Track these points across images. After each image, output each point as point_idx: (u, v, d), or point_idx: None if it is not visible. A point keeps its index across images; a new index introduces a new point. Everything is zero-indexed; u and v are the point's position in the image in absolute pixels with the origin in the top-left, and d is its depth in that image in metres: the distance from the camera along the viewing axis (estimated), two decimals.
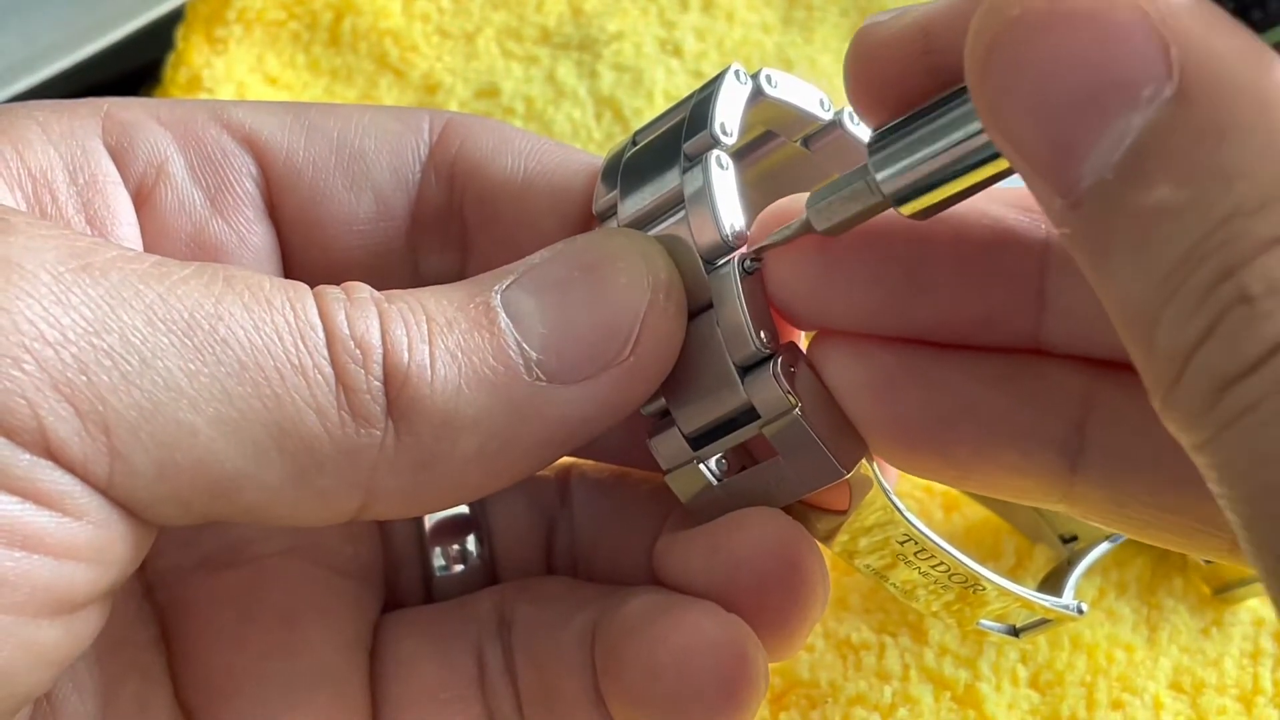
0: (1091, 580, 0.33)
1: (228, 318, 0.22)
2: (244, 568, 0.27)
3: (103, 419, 0.21)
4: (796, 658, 0.32)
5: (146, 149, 0.26)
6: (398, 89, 0.45)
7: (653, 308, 0.24)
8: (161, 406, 0.21)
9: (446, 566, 0.29)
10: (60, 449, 0.20)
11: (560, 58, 0.46)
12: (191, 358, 0.21)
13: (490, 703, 0.26)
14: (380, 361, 0.22)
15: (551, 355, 0.23)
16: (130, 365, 0.21)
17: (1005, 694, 0.31)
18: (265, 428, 0.22)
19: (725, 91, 0.25)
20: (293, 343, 0.22)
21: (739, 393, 0.24)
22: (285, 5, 0.46)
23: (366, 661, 0.27)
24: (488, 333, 0.23)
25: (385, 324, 0.23)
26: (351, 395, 0.22)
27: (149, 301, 0.21)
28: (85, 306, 0.21)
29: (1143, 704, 0.31)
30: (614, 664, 0.25)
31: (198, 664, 0.26)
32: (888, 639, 0.32)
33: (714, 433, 0.25)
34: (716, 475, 0.25)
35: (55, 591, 0.21)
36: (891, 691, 0.31)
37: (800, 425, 0.24)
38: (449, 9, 0.47)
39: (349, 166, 0.27)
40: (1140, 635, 0.33)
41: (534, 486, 0.30)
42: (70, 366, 0.20)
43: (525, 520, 0.29)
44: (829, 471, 0.24)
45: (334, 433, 0.22)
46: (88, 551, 0.21)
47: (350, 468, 0.22)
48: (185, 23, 0.44)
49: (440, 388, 0.22)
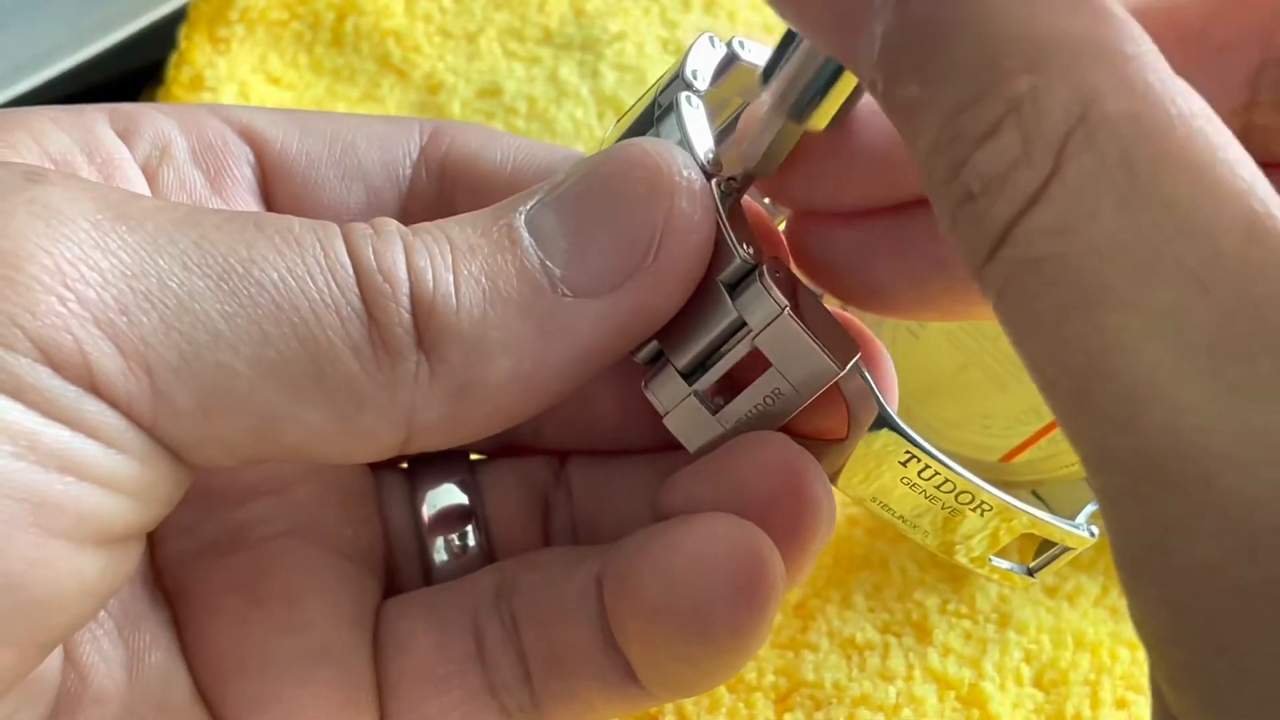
0: (1094, 579, 0.33)
1: (261, 261, 0.22)
2: (246, 551, 0.27)
3: (144, 359, 0.21)
4: (801, 658, 0.32)
5: (152, 133, 0.26)
6: (400, 89, 0.45)
7: (674, 211, 0.23)
8: (201, 348, 0.21)
9: (447, 560, 0.29)
10: (105, 385, 0.21)
11: (562, 58, 0.46)
12: (228, 301, 0.22)
13: (491, 675, 0.26)
14: (408, 294, 0.23)
15: (575, 269, 0.23)
16: (168, 308, 0.21)
17: (1009, 693, 0.31)
18: (304, 368, 0.22)
19: (697, 49, 0.26)
20: (325, 283, 0.22)
21: (729, 309, 0.24)
22: (288, 5, 0.46)
23: (369, 640, 0.27)
24: (511, 254, 0.23)
25: (410, 256, 0.23)
26: (383, 330, 0.22)
27: (184, 248, 0.22)
28: (123, 252, 0.21)
29: (1147, 702, 0.31)
30: (627, 586, 0.25)
31: (206, 646, 0.26)
32: (892, 639, 0.32)
33: (707, 361, 0.25)
34: (713, 408, 0.25)
35: (101, 521, 0.21)
36: (896, 692, 0.31)
37: (791, 325, 0.24)
38: (451, 9, 0.47)
39: (341, 159, 0.27)
40: None
41: (527, 468, 0.30)
42: (111, 308, 0.21)
43: (519, 502, 0.29)
44: (823, 370, 0.24)
45: (369, 369, 0.22)
46: (132, 486, 0.21)
47: (389, 403, 0.23)
48: (188, 22, 0.44)
49: (467, 314, 0.23)
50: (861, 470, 0.25)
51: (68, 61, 0.38)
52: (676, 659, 0.24)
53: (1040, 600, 0.33)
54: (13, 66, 0.38)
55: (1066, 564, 0.33)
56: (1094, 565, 0.34)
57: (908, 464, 0.25)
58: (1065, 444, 0.30)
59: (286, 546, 0.27)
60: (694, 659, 0.24)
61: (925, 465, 0.25)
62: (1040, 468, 0.32)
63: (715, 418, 0.25)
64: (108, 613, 0.26)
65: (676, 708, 0.31)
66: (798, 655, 0.32)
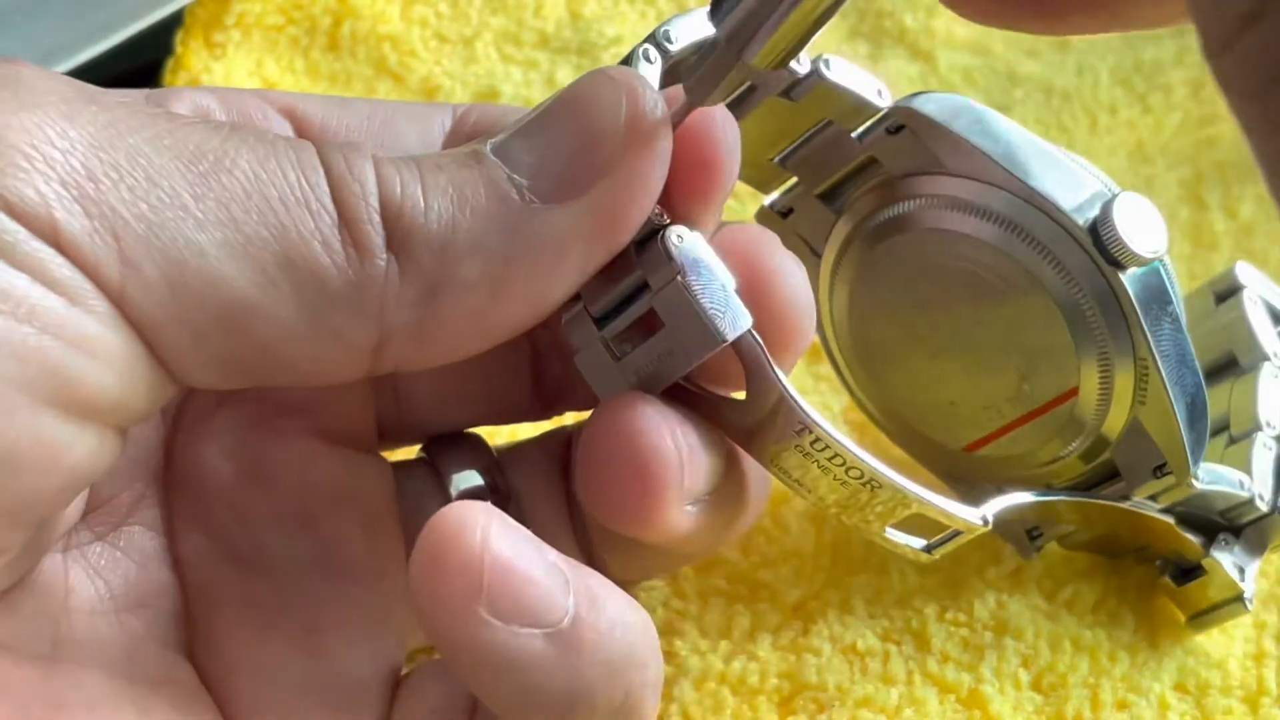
0: (1093, 584, 0.33)
1: (233, 152, 0.22)
2: (270, 578, 0.27)
3: (111, 225, 0.21)
4: (803, 661, 0.32)
5: (191, 102, 0.26)
6: (396, 93, 0.45)
7: (636, 114, 0.24)
8: (168, 222, 0.21)
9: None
10: (71, 244, 0.21)
11: (559, 62, 0.46)
12: (197, 182, 0.22)
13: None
14: (376, 196, 0.23)
15: (540, 178, 0.24)
16: (136, 180, 0.21)
17: (1009, 696, 0.31)
18: (273, 256, 0.22)
19: (689, 16, 0.26)
20: (296, 179, 0.23)
21: (634, 268, 0.25)
22: (284, 10, 0.46)
23: (386, 676, 0.27)
24: (477, 170, 0.24)
25: (380, 168, 0.23)
26: (353, 228, 0.23)
27: (156, 131, 0.22)
28: (93, 125, 0.21)
29: (1148, 704, 0.31)
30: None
31: (219, 646, 0.26)
32: (892, 646, 0.32)
33: (616, 310, 0.26)
34: (617, 355, 0.26)
35: (66, 380, 0.21)
36: (897, 694, 0.31)
37: (680, 291, 0.24)
38: (447, 14, 0.47)
39: (380, 132, 0.28)
40: (1143, 638, 0.33)
41: (548, 441, 0.31)
42: (78, 171, 0.21)
43: (545, 474, 0.30)
44: (707, 339, 0.25)
45: (339, 264, 0.23)
46: (102, 350, 0.21)
47: (359, 301, 0.23)
48: (184, 27, 0.44)
49: (435, 217, 0.23)
50: (765, 435, 0.26)
51: (68, 64, 0.38)
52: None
53: (1038, 606, 0.33)
54: None
55: (1064, 570, 0.34)
56: (1092, 572, 0.34)
57: (801, 434, 0.25)
58: (1030, 445, 0.31)
59: (310, 581, 0.27)
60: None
61: (817, 438, 0.25)
62: (1005, 467, 0.32)
63: (618, 365, 0.26)
64: (109, 589, 0.26)
65: (681, 709, 0.31)
66: (800, 658, 0.32)
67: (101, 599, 0.25)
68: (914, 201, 0.29)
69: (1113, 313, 0.28)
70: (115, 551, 0.26)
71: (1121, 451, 0.30)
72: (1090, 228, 0.27)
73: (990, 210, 0.28)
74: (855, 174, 0.30)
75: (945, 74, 0.46)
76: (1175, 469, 0.29)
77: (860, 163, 0.30)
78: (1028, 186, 0.28)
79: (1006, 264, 0.28)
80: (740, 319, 0.25)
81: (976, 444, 0.32)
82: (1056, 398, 0.30)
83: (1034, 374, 0.30)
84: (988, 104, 0.29)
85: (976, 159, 0.28)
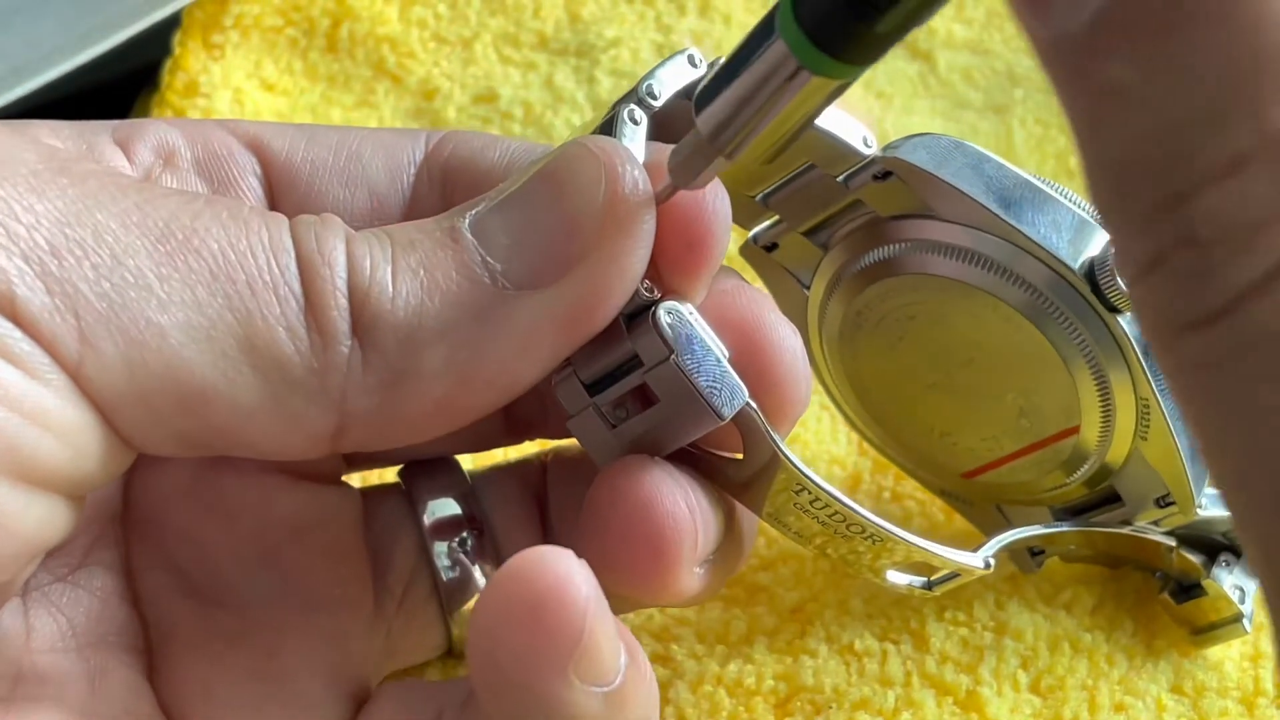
0: (1091, 588, 0.33)
1: (203, 231, 0.22)
2: (230, 610, 0.27)
3: (73, 303, 0.21)
4: (800, 663, 0.32)
5: (155, 140, 0.26)
6: (395, 95, 0.45)
7: (616, 198, 0.23)
8: (131, 302, 0.21)
9: (451, 566, 0.29)
10: (29, 319, 0.20)
11: (558, 63, 0.46)
12: (163, 262, 0.21)
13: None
14: (345, 279, 0.23)
15: (515, 262, 0.23)
16: (101, 259, 0.21)
17: (1007, 699, 0.31)
18: (236, 341, 0.22)
19: (670, 65, 0.26)
20: (266, 261, 0.22)
21: (625, 341, 0.24)
22: (282, 12, 0.46)
23: (345, 698, 0.27)
24: (451, 250, 0.23)
25: (351, 246, 0.23)
26: (319, 313, 0.22)
27: (125, 207, 0.22)
28: (61, 200, 0.21)
29: (1145, 706, 0.31)
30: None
31: (175, 674, 0.26)
32: (890, 646, 0.32)
33: (608, 379, 0.25)
34: (612, 422, 0.26)
35: (20, 451, 0.21)
36: (895, 696, 0.31)
37: (675, 371, 0.24)
38: (446, 15, 0.47)
39: (345, 167, 0.27)
40: (1140, 640, 0.33)
41: (522, 470, 0.30)
42: (42, 248, 0.21)
43: (519, 502, 0.30)
44: (705, 417, 0.24)
45: (302, 350, 0.22)
46: (58, 424, 0.21)
47: (320, 387, 0.22)
48: (182, 29, 0.44)
49: (403, 302, 0.23)
50: (763, 489, 0.26)
51: (67, 65, 0.38)
52: None
53: (1037, 609, 0.33)
54: (12, 69, 0.38)
55: (1063, 574, 0.34)
56: (1091, 576, 0.34)
57: (799, 493, 0.25)
58: (1031, 475, 0.30)
59: (271, 612, 0.27)
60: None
61: (815, 496, 0.25)
62: (1006, 491, 0.32)
63: (613, 432, 0.25)
64: (70, 625, 0.25)
65: (677, 712, 0.31)
66: (796, 660, 0.32)
67: (64, 635, 0.25)
68: (903, 244, 0.28)
69: (1112, 354, 0.27)
70: (77, 590, 0.26)
71: (1124, 481, 0.30)
72: (1087, 272, 0.27)
73: (983, 256, 0.27)
74: (840, 214, 0.29)
75: (945, 74, 0.46)
76: (1179, 501, 0.29)
77: (846, 204, 0.29)
78: (1021, 233, 0.27)
79: (1001, 309, 0.28)
80: (736, 394, 0.24)
81: (975, 472, 0.32)
82: (1057, 433, 0.29)
83: (1033, 410, 0.29)
84: (987, 104, 0.29)
85: (968, 206, 0.27)
